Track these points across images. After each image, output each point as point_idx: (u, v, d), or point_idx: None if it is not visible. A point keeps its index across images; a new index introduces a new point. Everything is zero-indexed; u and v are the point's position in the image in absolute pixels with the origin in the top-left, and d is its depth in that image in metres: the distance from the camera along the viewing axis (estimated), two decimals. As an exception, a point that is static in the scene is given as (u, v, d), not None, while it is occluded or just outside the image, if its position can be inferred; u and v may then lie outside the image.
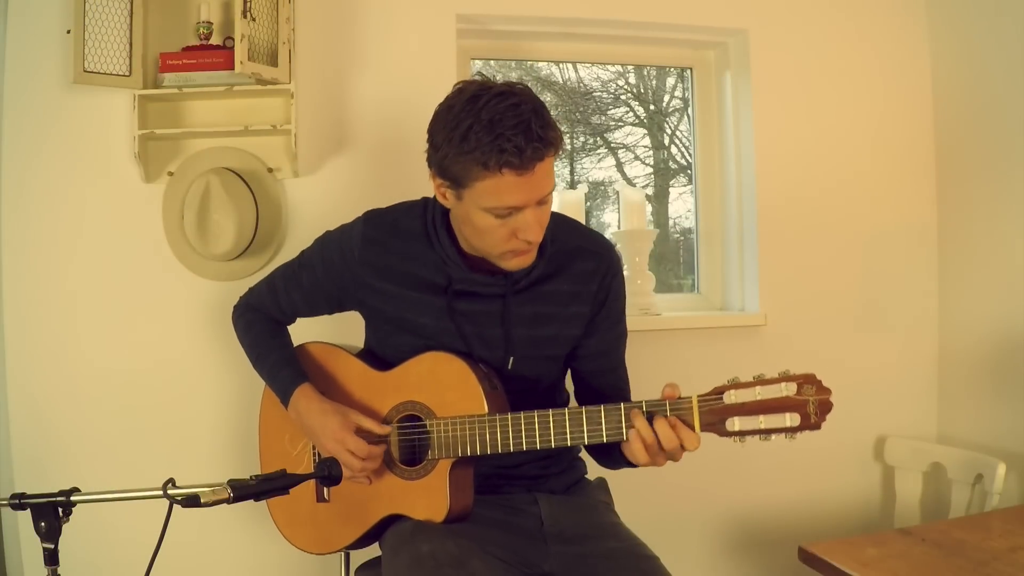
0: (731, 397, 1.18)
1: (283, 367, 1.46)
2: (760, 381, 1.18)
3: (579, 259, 1.41)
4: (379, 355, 1.48)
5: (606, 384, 1.48)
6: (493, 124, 1.14)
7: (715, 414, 1.19)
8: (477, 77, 1.13)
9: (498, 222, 1.22)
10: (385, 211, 1.43)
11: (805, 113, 2.28)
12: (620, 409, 1.23)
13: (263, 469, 1.54)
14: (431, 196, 1.36)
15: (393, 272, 1.38)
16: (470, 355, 1.37)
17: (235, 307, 1.59)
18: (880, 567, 1.39)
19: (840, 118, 2.31)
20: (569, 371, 1.52)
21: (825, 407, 1.15)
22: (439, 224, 1.37)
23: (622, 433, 1.23)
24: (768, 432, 1.17)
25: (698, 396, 1.21)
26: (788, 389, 1.16)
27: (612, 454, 1.35)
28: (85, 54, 1.77)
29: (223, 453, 1.94)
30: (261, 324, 1.54)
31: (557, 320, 1.40)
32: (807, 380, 1.16)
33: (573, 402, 1.54)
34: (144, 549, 1.06)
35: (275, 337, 1.53)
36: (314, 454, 1.46)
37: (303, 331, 1.59)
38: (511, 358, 1.38)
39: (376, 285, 1.39)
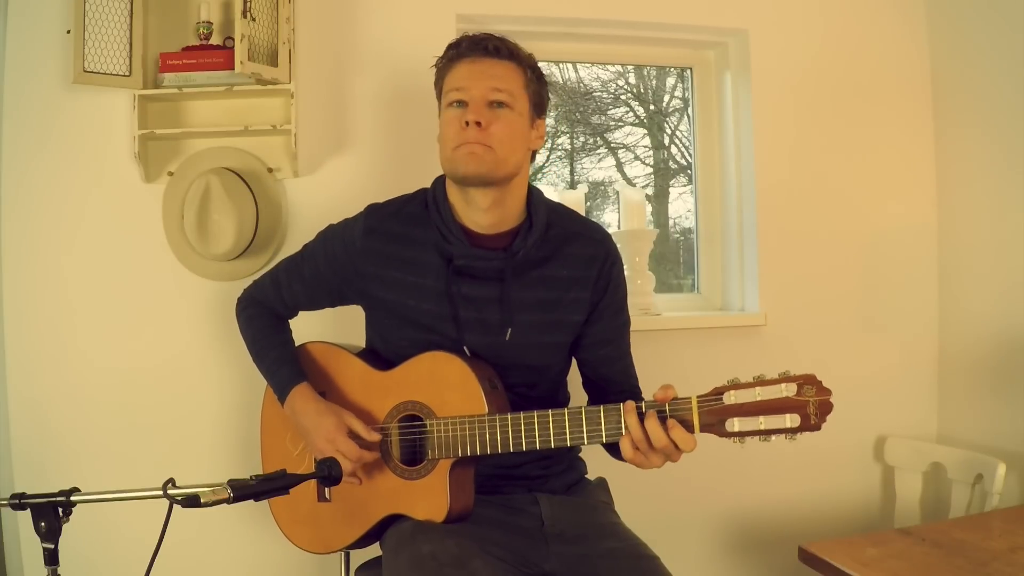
0: (731, 398, 1.18)
1: (282, 365, 1.47)
2: (760, 382, 1.17)
3: (577, 244, 1.44)
4: (380, 352, 1.49)
5: (613, 372, 1.50)
6: (463, 36, 1.39)
7: (714, 415, 1.19)
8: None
9: (454, 112, 1.34)
10: (386, 203, 1.47)
11: (805, 113, 2.28)
12: (619, 409, 1.24)
13: (264, 469, 1.54)
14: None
15: (394, 259, 1.40)
16: (469, 354, 1.37)
17: (239, 299, 1.61)
18: (880, 567, 1.39)
19: (840, 118, 2.30)
20: (576, 364, 1.53)
21: (825, 408, 1.15)
22: (440, 197, 1.41)
23: (621, 433, 1.23)
24: (768, 433, 1.16)
25: (697, 397, 1.20)
26: (788, 390, 1.15)
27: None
28: (85, 54, 1.77)
29: (224, 453, 1.94)
30: (263, 319, 1.55)
31: (559, 306, 1.42)
32: (807, 381, 1.15)
33: (577, 401, 1.54)
34: (144, 549, 1.06)
35: (276, 333, 1.53)
36: (314, 454, 1.47)
37: (305, 328, 1.60)
38: (508, 329, 1.38)
39: (378, 273, 1.41)
